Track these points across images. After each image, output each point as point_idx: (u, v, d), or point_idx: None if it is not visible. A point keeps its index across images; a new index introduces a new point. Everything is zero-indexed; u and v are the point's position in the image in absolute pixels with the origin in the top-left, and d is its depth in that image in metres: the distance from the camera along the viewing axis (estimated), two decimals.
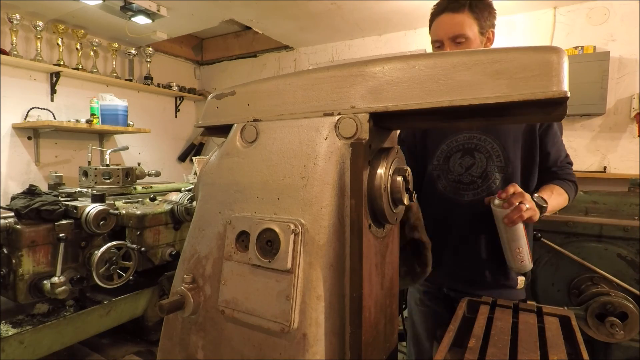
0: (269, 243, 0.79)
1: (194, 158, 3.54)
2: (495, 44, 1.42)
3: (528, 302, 1.07)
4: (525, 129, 1.37)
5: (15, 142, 3.58)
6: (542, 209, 1.22)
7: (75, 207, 2.08)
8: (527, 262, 1.23)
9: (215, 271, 0.87)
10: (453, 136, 1.43)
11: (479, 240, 1.37)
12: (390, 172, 0.81)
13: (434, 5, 1.38)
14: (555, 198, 1.30)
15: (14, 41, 3.44)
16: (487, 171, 1.36)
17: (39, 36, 3.56)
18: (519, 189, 1.19)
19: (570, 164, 1.42)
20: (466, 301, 1.07)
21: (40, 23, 3.51)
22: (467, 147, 1.40)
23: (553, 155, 1.37)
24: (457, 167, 1.40)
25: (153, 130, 4.40)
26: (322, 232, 0.76)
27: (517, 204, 1.14)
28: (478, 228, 1.36)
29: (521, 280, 1.38)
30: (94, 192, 2.32)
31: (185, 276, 0.89)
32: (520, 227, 1.18)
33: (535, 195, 1.23)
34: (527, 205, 1.14)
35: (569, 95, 0.61)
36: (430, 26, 1.40)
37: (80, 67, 3.89)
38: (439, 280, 1.44)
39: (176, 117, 5.13)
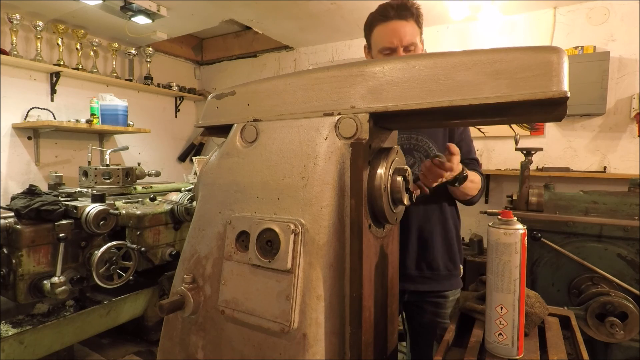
0: (269, 243, 0.79)
1: (194, 158, 3.53)
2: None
3: None
4: (448, 129, 1.42)
5: (15, 142, 3.58)
6: (462, 175, 1.18)
7: (75, 207, 2.08)
8: (510, 342, 0.76)
9: (215, 271, 0.87)
10: None
11: (434, 237, 1.40)
12: (390, 172, 0.81)
13: (377, 12, 1.31)
14: (472, 174, 1.30)
15: (14, 41, 3.44)
16: None
17: (39, 36, 3.56)
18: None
19: (477, 161, 1.46)
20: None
21: (40, 23, 3.51)
22: (406, 147, 1.40)
23: (464, 151, 1.39)
24: None
25: (153, 130, 4.40)
26: (322, 232, 0.76)
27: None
28: (431, 223, 1.40)
29: (461, 268, 1.47)
30: (94, 192, 2.32)
31: (185, 276, 0.89)
32: (517, 267, 0.74)
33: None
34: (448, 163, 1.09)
35: (569, 95, 0.61)
36: (370, 31, 1.34)
37: (80, 67, 3.89)
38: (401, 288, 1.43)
39: (176, 117, 5.12)
